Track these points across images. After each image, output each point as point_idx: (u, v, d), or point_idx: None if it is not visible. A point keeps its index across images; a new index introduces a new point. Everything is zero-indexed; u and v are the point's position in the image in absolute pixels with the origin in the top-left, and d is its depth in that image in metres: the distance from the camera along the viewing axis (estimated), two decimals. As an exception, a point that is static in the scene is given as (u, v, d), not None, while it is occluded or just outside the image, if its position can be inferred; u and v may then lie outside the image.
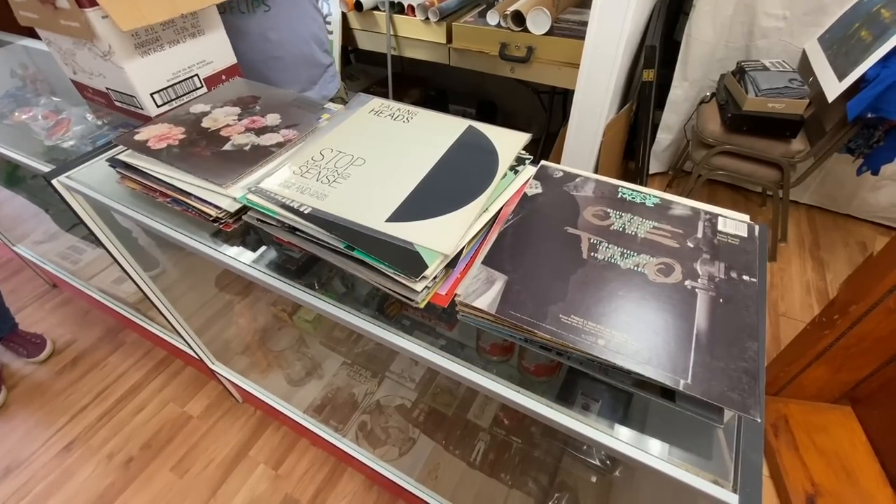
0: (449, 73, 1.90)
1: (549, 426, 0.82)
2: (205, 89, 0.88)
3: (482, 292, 0.45)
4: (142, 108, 0.81)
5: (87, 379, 1.40)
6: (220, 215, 0.59)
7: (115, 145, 0.79)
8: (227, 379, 1.18)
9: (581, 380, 0.88)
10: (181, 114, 0.75)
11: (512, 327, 0.44)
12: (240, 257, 0.65)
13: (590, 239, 0.50)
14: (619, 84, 1.36)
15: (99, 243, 0.85)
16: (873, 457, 1.10)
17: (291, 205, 0.52)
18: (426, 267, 0.45)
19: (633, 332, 0.41)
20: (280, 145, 0.68)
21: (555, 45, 1.34)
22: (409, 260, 0.45)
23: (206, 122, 0.73)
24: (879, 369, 1.08)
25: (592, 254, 0.49)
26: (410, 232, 0.48)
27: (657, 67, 1.40)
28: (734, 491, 0.35)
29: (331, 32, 1.70)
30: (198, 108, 0.77)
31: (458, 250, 0.48)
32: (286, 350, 1.01)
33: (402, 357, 0.97)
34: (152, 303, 0.95)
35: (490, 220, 0.54)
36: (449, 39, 1.51)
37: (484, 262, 0.48)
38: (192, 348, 1.10)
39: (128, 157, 0.67)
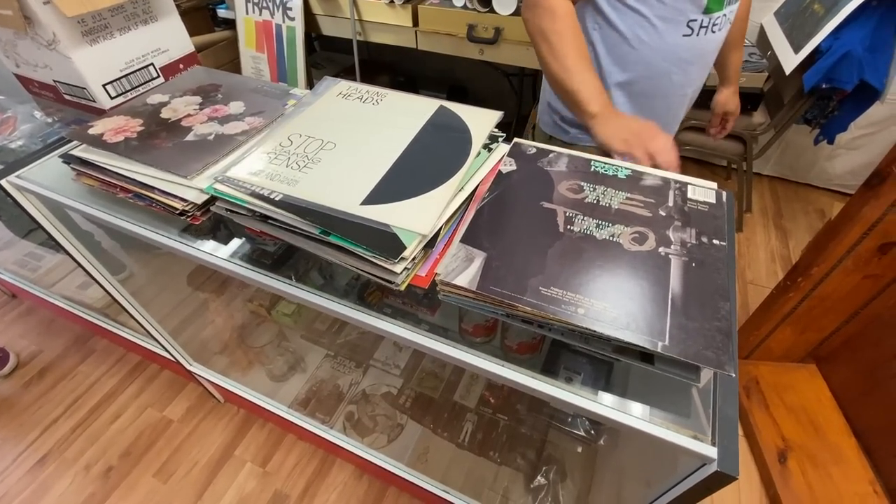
0: (417, 58, 1.87)
1: (535, 401, 0.84)
2: (162, 79, 0.84)
3: (462, 270, 0.45)
4: (94, 101, 0.77)
5: (57, 390, 1.34)
6: (186, 208, 0.57)
7: (68, 141, 0.74)
8: (206, 380, 1.16)
9: (563, 354, 0.90)
10: (138, 105, 0.72)
11: (493, 303, 0.44)
12: (215, 252, 0.62)
13: (565, 212, 0.51)
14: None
15: (59, 248, 0.81)
16: (838, 410, 1.17)
17: (261, 192, 0.50)
18: (404, 248, 0.44)
19: (612, 300, 0.42)
20: (245, 133, 0.66)
21: (522, 26, 1.33)
22: (387, 242, 0.45)
23: (165, 113, 0.70)
24: (840, 327, 1.14)
25: (568, 227, 0.49)
26: (386, 214, 0.47)
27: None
28: (713, 444, 0.37)
29: (292, 19, 1.65)
30: (155, 98, 0.73)
31: (435, 230, 0.48)
32: (266, 346, 0.99)
33: (386, 344, 0.96)
34: (122, 307, 0.92)
35: (466, 198, 0.53)
36: (415, 22, 1.49)
37: (462, 241, 0.48)
38: (167, 351, 1.06)
39: (82, 152, 0.63)
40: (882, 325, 1.05)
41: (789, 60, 1.33)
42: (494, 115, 0.61)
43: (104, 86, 0.75)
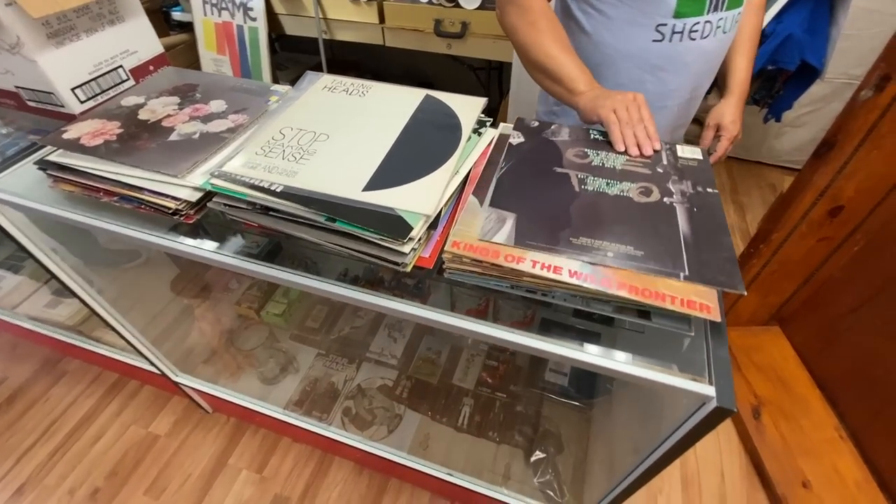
0: (382, 55, 1.87)
1: (530, 376, 0.86)
2: (132, 81, 0.82)
3: (497, 230, 0.48)
4: (62, 106, 0.74)
5: (29, 416, 1.27)
6: (179, 207, 0.56)
7: (40, 147, 0.71)
8: (194, 389, 1.13)
9: (553, 329, 0.94)
10: (112, 108, 0.70)
11: (533, 249, 0.46)
12: (211, 250, 0.61)
13: (577, 175, 0.56)
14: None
15: (37, 263, 0.77)
16: (801, 366, 1.26)
17: (261, 185, 0.50)
18: (411, 228, 0.46)
19: (634, 243, 0.47)
20: (231, 131, 0.65)
21: (489, 19, 1.36)
22: (394, 224, 0.46)
23: (143, 115, 0.69)
24: (799, 289, 1.23)
25: (583, 186, 0.54)
26: (389, 198, 0.49)
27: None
28: (710, 384, 0.40)
29: (254, 20, 1.62)
30: (130, 100, 0.71)
31: (438, 210, 0.49)
32: (257, 348, 0.98)
33: (380, 336, 0.97)
34: (103, 320, 0.89)
35: (462, 181, 0.55)
36: (382, 19, 1.49)
37: (491, 205, 0.51)
38: (152, 363, 1.03)
39: (60, 157, 0.61)
40: (835, 284, 1.15)
41: (738, 44, 1.42)
42: (480, 102, 0.64)
43: (73, 90, 0.73)
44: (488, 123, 0.62)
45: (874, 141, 0.85)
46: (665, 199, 0.52)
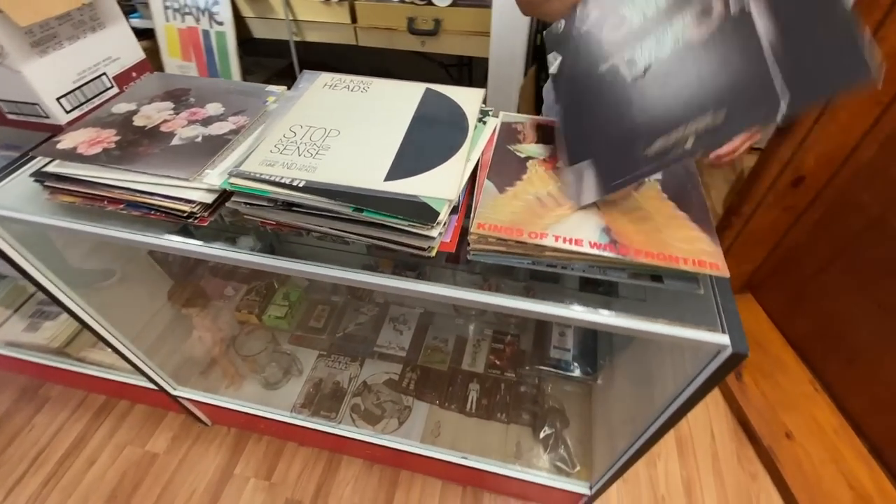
0: (350, 56, 1.87)
1: (535, 353, 0.89)
2: (116, 89, 0.80)
3: (581, 190, 0.49)
4: (47, 117, 0.72)
5: (14, 448, 1.21)
6: (194, 210, 0.56)
7: (31, 158, 0.69)
8: (193, 402, 1.11)
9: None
10: (103, 116, 0.68)
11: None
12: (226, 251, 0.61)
13: (623, 58, 0.45)
14: (525, 48, 1.46)
15: (27, 279, 0.74)
16: (775, 328, 1.36)
17: (282, 181, 0.51)
18: (437, 213, 0.48)
19: (712, 103, 0.38)
20: (234, 132, 0.65)
21: (461, 16, 1.39)
22: (420, 210, 0.48)
23: (139, 121, 0.67)
24: (768, 257, 1.32)
25: (633, 70, 0.44)
26: (411, 186, 0.51)
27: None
28: (724, 332, 0.45)
29: (220, 24, 1.58)
30: (121, 107, 0.70)
31: (459, 195, 0.52)
32: (259, 354, 0.97)
33: (386, 330, 0.98)
34: (100, 337, 0.86)
35: (474, 168, 0.58)
36: (354, 19, 1.49)
37: (570, 164, 0.51)
38: (149, 378, 1.01)
39: (58, 167, 0.60)
40: (800, 249, 1.24)
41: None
42: (479, 93, 0.66)
43: (58, 99, 0.71)
44: (490, 112, 0.65)
45: (830, 114, 0.93)
46: (731, 8, 0.38)
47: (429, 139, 0.57)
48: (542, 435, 0.97)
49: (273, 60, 2.16)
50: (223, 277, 1.06)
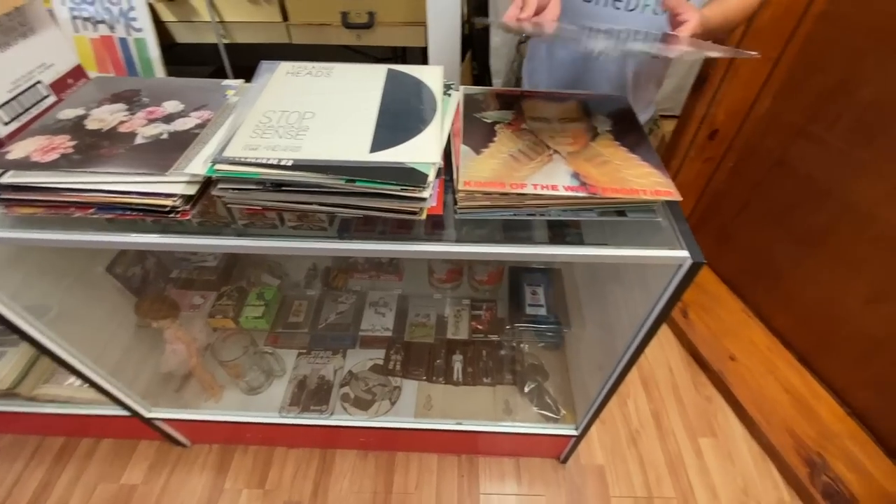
0: (281, 56, 1.83)
1: (513, 313, 0.96)
2: (54, 97, 0.76)
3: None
4: (-18, 132, 0.67)
5: (-37, 510, 1.09)
6: (176, 203, 0.56)
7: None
8: (170, 422, 1.06)
9: (522, 276, 1.05)
10: (50, 123, 0.65)
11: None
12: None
13: None
14: (460, 35, 1.52)
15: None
16: (709, 269, 1.53)
17: (270, 162, 0.52)
18: (426, 176, 0.52)
19: None
20: (201, 126, 0.65)
21: (395, 6, 1.42)
22: (409, 175, 0.52)
23: (92, 125, 0.65)
24: (696, 206, 1.48)
25: None
26: (396, 154, 0.54)
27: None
28: (683, 249, 0.52)
29: (139, 30, 1.50)
30: (67, 113, 0.67)
31: (441, 158, 0.56)
32: (240, 358, 0.95)
33: (368, 314, 1.00)
34: (68, 366, 0.81)
35: (448, 135, 0.62)
36: (285, 17, 1.48)
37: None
38: (121, 403, 0.95)
39: (14, 178, 0.57)
40: (721, 195, 1.40)
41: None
42: (439, 69, 0.70)
43: (-7, 111, 0.66)
44: (452, 86, 0.70)
45: (733, 71, 1.07)
46: None
47: (402, 112, 0.61)
48: (526, 390, 1.04)
49: (195, 68, 2.06)
50: (187, 287, 1.02)
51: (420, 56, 1.54)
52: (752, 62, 1.07)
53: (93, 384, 0.88)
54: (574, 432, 0.97)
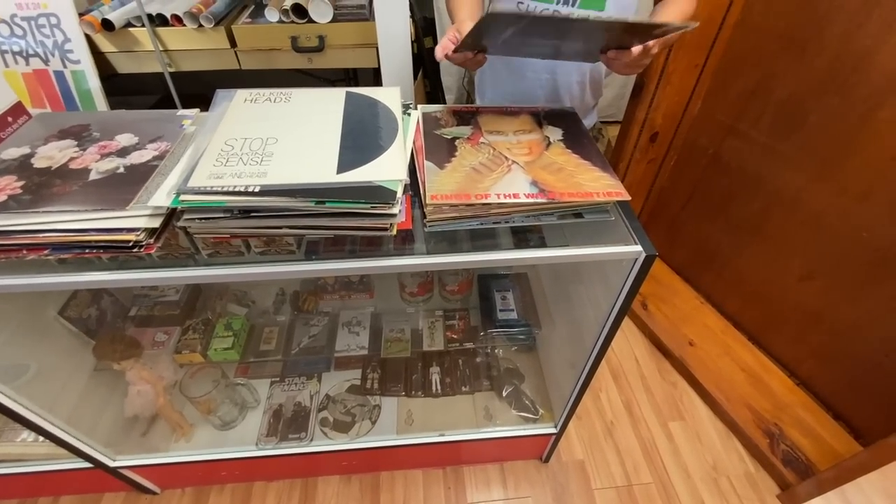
0: (230, 82, 1.81)
1: (486, 319, 0.98)
2: (-8, 137, 0.72)
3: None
4: (-85, 178, 0.63)
5: None
6: (139, 238, 0.55)
7: None
8: (138, 469, 1.00)
9: (490, 283, 1.08)
10: (-9, 165, 0.62)
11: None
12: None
13: None
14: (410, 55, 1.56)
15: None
16: (661, 262, 1.62)
17: (237, 189, 0.53)
18: (394, 193, 0.54)
19: None
20: (159, 158, 0.64)
21: (344, 31, 1.44)
22: (378, 193, 0.53)
23: (40, 163, 0.63)
24: (644, 205, 1.58)
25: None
26: (363, 174, 0.56)
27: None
28: (636, 244, 0.57)
29: (76, 62, 1.44)
30: (11, 153, 0.65)
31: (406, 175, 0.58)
32: (210, 393, 0.92)
33: (342, 334, 0.99)
34: (23, 419, 0.76)
35: (411, 152, 0.65)
36: (233, 43, 1.46)
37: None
38: (83, 455, 0.89)
39: (-43, 225, 0.54)
40: (666, 193, 1.50)
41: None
42: (396, 90, 0.73)
43: (-74, 155, 0.62)
44: (411, 105, 0.72)
45: (666, 78, 1.16)
46: None
47: (365, 133, 0.63)
48: (504, 394, 1.06)
49: (140, 98, 2.00)
50: (147, 324, 0.98)
51: (372, 76, 1.57)
52: (682, 69, 1.17)
53: (49, 436, 0.83)
54: (553, 430, 1.00)
